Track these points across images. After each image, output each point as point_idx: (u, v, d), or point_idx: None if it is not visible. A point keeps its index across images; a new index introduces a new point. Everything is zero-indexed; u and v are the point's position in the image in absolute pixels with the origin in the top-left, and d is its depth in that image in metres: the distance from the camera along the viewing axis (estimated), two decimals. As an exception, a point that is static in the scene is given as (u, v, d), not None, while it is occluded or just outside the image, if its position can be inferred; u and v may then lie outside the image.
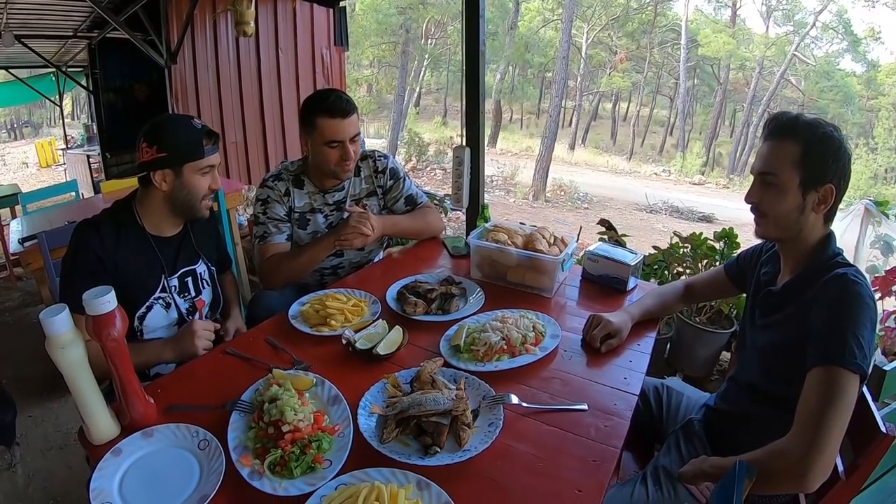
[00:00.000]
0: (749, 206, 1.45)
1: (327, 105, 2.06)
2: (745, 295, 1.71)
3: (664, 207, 14.45)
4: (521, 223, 2.20)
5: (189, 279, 1.84)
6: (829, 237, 1.40)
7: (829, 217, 1.40)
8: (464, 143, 2.81)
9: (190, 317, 1.82)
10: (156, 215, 1.73)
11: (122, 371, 1.24)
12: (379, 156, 2.37)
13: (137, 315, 1.71)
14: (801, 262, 1.42)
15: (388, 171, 2.35)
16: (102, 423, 1.24)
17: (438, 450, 1.19)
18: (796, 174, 1.34)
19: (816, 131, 1.33)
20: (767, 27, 25.04)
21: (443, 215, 2.62)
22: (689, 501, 1.45)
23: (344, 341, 1.58)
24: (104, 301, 1.16)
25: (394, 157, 2.47)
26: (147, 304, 1.72)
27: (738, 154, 24.29)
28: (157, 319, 1.76)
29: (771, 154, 1.38)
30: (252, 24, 4.19)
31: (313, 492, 1.08)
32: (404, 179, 2.38)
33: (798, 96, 24.01)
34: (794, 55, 23.21)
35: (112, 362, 1.22)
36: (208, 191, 1.71)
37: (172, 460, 1.20)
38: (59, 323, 1.14)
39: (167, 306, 1.77)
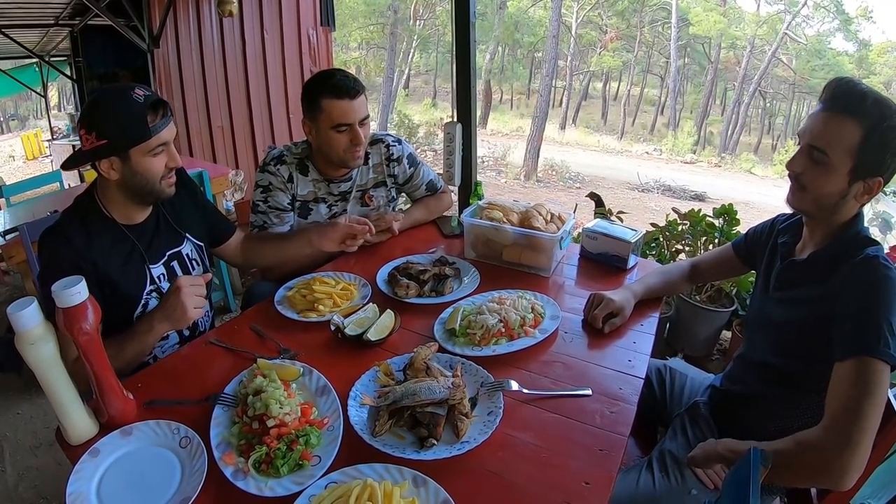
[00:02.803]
0: (787, 172, 1.33)
1: (333, 85, 1.88)
2: (752, 272, 1.65)
3: (656, 186, 14.42)
4: (514, 200, 2.12)
5: (175, 263, 1.67)
6: (859, 214, 1.32)
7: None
8: (455, 120, 2.72)
9: None
10: (118, 204, 1.53)
11: (98, 366, 1.16)
12: (392, 141, 2.20)
13: (136, 317, 1.56)
14: (830, 236, 1.34)
15: (404, 159, 2.21)
16: (79, 422, 1.18)
17: (435, 442, 1.13)
18: (849, 160, 1.22)
19: (883, 121, 1.19)
20: (759, 5, 24.99)
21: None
22: (697, 487, 1.41)
23: (332, 327, 1.51)
24: (74, 292, 1.08)
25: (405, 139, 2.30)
26: (142, 302, 1.57)
27: (729, 133, 24.32)
28: None
29: (828, 129, 1.24)
30: (235, 3, 4.10)
31: (301, 491, 1.02)
32: (422, 165, 2.27)
33: (789, 75, 23.95)
34: (786, 34, 23.12)
35: (86, 358, 1.14)
36: (166, 170, 1.50)
37: (152, 460, 1.14)
38: (27, 317, 1.07)
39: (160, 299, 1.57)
